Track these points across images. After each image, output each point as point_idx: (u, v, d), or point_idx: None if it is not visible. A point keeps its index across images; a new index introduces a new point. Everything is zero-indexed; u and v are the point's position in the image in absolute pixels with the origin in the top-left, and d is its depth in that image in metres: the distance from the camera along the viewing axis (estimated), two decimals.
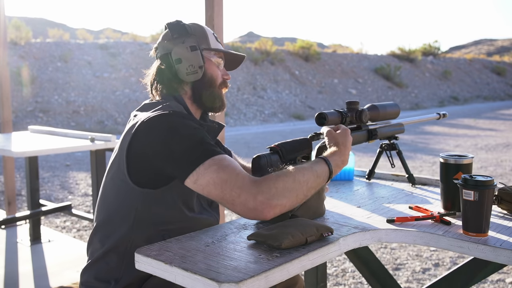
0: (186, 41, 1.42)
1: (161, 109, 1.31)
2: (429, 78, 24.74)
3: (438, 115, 1.89)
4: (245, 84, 17.01)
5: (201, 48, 1.43)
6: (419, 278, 3.16)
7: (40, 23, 45.32)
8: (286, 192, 1.14)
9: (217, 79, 1.45)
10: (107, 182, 1.36)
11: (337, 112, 1.56)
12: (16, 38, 14.24)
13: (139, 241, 1.28)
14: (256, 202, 1.10)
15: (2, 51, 3.97)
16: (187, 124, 1.24)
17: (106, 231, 1.33)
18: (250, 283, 0.93)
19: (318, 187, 1.23)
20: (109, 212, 1.34)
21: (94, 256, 1.35)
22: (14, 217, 3.37)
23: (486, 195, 1.16)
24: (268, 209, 1.11)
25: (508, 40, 60.65)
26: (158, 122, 1.24)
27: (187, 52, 1.40)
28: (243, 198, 1.11)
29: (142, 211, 1.28)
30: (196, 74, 1.41)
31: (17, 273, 2.87)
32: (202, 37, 1.46)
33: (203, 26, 1.50)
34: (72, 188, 5.85)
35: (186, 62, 1.40)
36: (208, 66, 1.44)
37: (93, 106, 13.02)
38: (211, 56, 1.45)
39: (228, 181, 1.13)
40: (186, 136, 1.21)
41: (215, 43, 1.49)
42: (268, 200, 1.11)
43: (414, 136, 10.85)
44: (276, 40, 37.41)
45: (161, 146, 1.21)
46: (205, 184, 1.16)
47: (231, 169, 1.15)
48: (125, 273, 1.29)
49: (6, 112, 4.03)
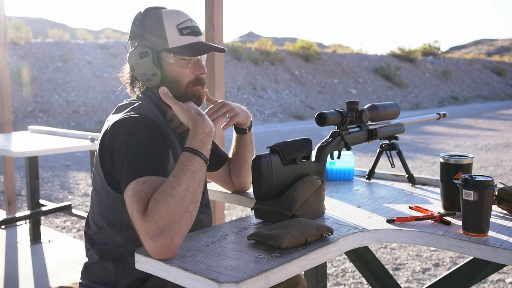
0: (138, 45, 1.32)
1: (129, 111, 1.26)
2: (429, 78, 24.73)
3: (438, 115, 1.89)
4: (245, 84, 17.01)
5: (157, 50, 1.30)
6: (419, 278, 3.16)
7: (40, 23, 45.31)
8: (174, 216, 1.02)
9: (181, 80, 1.33)
10: (92, 189, 1.35)
11: (337, 112, 1.56)
12: (16, 38, 14.23)
13: (132, 246, 1.27)
14: (151, 247, 1.01)
15: (2, 51, 3.97)
16: (141, 132, 1.19)
17: (98, 238, 1.32)
18: (250, 283, 0.93)
19: (201, 182, 1.11)
20: (97, 219, 1.32)
21: (91, 260, 1.35)
22: (14, 217, 3.37)
23: (486, 195, 1.16)
24: (166, 249, 1.01)
25: (508, 40, 60.64)
26: (119, 127, 1.21)
27: (136, 59, 1.31)
28: (142, 240, 1.03)
29: (127, 217, 1.23)
30: (151, 81, 1.32)
31: (17, 273, 2.87)
32: (158, 36, 1.31)
33: (163, 18, 1.31)
34: (72, 188, 5.85)
35: (138, 70, 1.32)
36: (168, 68, 1.32)
37: (93, 106, 13.01)
38: (169, 58, 1.31)
39: (132, 215, 1.06)
40: (131, 147, 1.16)
41: (176, 37, 1.31)
42: (161, 241, 1.00)
43: (414, 136, 10.85)
44: (276, 40, 37.41)
45: (115, 152, 1.18)
46: (127, 204, 1.10)
47: (137, 198, 1.06)
48: (122, 277, 1.29)
49: (6, 112, 4.03)
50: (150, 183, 1.10)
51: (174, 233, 1.02)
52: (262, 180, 1.29)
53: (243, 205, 1.58)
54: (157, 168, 1.15)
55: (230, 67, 17.37)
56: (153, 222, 1.02)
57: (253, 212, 1.35)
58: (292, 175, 1.35)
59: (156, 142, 1.21)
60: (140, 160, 1.14)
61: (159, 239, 1.01)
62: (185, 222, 1.05)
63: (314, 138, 1.49)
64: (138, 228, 1.04)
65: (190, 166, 1.10)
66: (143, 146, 1.18)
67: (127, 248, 1.29)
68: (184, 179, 1.07)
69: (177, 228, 1.02)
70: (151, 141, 1.20)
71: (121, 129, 1.20)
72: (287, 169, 1.34)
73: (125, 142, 1.18)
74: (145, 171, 1.12)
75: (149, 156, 1.16)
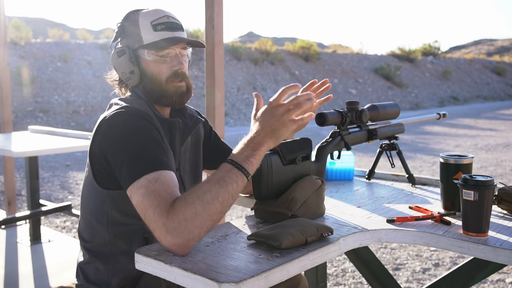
0: (117, 45, 1.36)
1: (122, 105, 1.26)
2: (429, 78, 24.73)
3: (438, 115, 1.89)
4: (245, 84, 17.02)
5: (134, 48, 1.33)
6: (419, 278, 3.16)
7: (40, 23, 45.32)
8: (197, 220, 1.04)
9: (160, 76, 1.32)
10: (83, 184, 1.35)
11: (337, 112, 1.56)
12: (16, 38, 14.23)
13: (120, 244, 1.27)
14: (167, 242, 1.03)
15: (2, 51, 3.97)
16: (142, 128, 1.19)
17: (88, 236, 1.32)
18: (250, 283, 0.93)
19: (235, 195, 1.10)
20: (86, 216, 1.32)
21: (83, 260, 1.35)
22: (14, 217, 3.37)
23: (486, 195, 1.16)
24: (182, 249, 1.04)
25: (508, 40, 60.64)
26: (111, 122, 1.20)
27: (115, 58, 1.34)
28: (157, 234, 1.05)
29: (113, 214, 1.26)
30: (131, 80, 1.34)
31: (17, 273, 2.87)
32: (133, 34, 1.33)
33: (139, 16, 1.33)
34: (72, 188, 5.85)
35: (118, 69, 1.35)
36: (145, 65, 1.33)
37: (93, 106, 13.01)
38: (144, 54, 1.32)
39: (148, 211, 1.07)
40: (135, 142, 1.16)
41: (150, 34, 1.31)
42: (178, 240, 1.03)
43: (414, 136, 10.85)
44: (276, 40, 37.42)
45: (113, 147, 1.18)
46: (135, 204, 1.10)
47: (155, 196, 1.07)
48: (113, 276, 1.29)
49: (6, 112, 4.03)
50: (163, 180, 1.10)
51: (192, 237, 1.04)
52: (262, 180, 1.29)
53: (243, 205, 1.57)
54: (163, 161, 1.14)
55: (230, 67, 17.37)
56: (176, 221, 1.03)
57: (253, 212, 1.35)
58: (292, 175, 1.35)
59: (154, 133, 1.20)
60: (142, 155, 1.14)
61: (177, 239, 1.03)
62: (206, 229, 1.06)
63: (314, 138, 1.49)
64: (157, 224, 1.04)
65: (226, 177, 1.09)
66: (143, 139, 1.17)
67: (115, 246, 1.28)
68: (217, 188, 1.07)
69: (196, 233, 1.04)
70: (149, 134, 1.19)
71: (115, 123, 1.19)
72: (287, 169, 1.34)
73: (122, 138, 1.17)
74: (151, 166, 1.12)
75: (151, 150, 1.16)
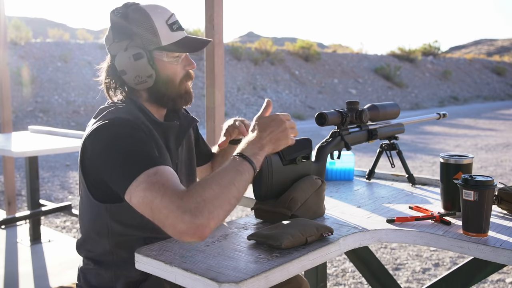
0: (129, 46, 1.24)
1: (106, 117, 1.20)
2: (429, 78, 24.73)
3: (438, 115, 1.89)
4: (245, 84, 17.01)
5: (150, 50, 1.25)
6: (419, 278, 3.16)
7: (40, 23, 45.32)
8: (216, 201, 1.00)
9: (175, 77, 1.29)
10: (80, 201, 1.31)
11: (337, 112, 1.56)
12: (16, 38, 14.23)
13: (122, 252, 1.26)
14: (185, 224, 0.96)
15: (2, 51, 3.97)
16: (127, 135, 1.13)
17: (89, 246, 1.31)
18: (250, 283, 0.93)
19: (247, 183, 1.09)
20: (86, 228, 1.30)
21: (85, 266, 1.33)
22: (14, 217, 3.38)
23: (486, 195, 1.16)
24: (201, 229, 0.97)
25: (508, 40, 60.63)
26: (98, 135, 1.15)
27: (130, 62, 1.23)
28: (171, 220, 0.98)
29: (113, 226, 1.23)
30: (145, 83, 1.26)
31: (17, 273, 2.87)
32: (149, 34, 1.24)
33: (149, 14, 1.25)
34: (72, 188, 5.85)
35: (131, 73, 1.24)
36: (162, 67, 1.27)
37: (93, 106, 13.01)
38: (163, 56, 1.27)
39: (155, 201, 1.00)
40: (122, 149, 1.11)
41: (168, 34, 1.26)
42: (198, 220, 0.96)
43: (414, 136, 10.85)
44: (276, 40, 37.39)
45: (101, 160, 1.13)
46: (137, 204, 1.04)
47: (158, 186, 1.02)
48: (117, 282, 1.28)
49: (6, 112, 4.03)
50: (162, 173, 1.05)
51: (212, 216, 0.98)
52: (262, 180, 1.29)
53: (243, 205, 1.57)
54: (158, 158, 1.11)
55: (230, 67, 17.37)
56: (194, 202, 0.98)
57: (253, 212, 1.35)
58: (292, 175, 1.35)
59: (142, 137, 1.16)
60: (135, 156, 1.09)
61: (197, 218, 0.96)
62: (225, 211, 1.01)
63: (314, 138, 1.49)
64: (170, 208, 0.98)
65: (237, 166, 1.08)
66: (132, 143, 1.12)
67: (117, 255, 1.26)
68: (232, 174, 1.05)
69: (216, 213, 0.99)
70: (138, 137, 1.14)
71: (104, 135, 1.14)
72: (287, 169, 1.34)
73: (108, 148, 1.13)
74: (147, 163, 1.07)
75: (143, 150, 1.11)
